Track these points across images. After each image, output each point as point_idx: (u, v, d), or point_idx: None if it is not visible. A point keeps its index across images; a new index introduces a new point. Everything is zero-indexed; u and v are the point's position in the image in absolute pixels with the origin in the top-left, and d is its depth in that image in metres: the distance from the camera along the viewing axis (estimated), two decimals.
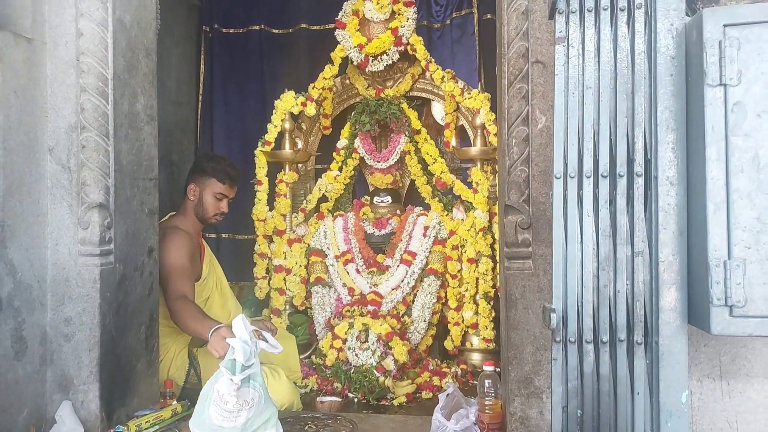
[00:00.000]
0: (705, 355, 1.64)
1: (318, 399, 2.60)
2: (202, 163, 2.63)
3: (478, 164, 3.23)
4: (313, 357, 3.12)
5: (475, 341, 3.20)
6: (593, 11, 1.34)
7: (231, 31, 4.04)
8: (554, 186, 1.37)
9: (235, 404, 1.62)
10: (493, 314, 3.11)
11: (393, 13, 3.36)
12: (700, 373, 1.64)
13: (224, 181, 2.58)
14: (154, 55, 2.16)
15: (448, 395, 1.96)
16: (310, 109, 3.36)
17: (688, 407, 1.32)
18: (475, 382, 2.28)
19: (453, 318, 3.21)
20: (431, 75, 3.40)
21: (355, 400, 2.71)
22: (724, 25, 1.21)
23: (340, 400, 2.63)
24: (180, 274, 2.32)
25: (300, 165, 3.63)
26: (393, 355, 2.84)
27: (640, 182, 1.33)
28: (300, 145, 3.52)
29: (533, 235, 1.74)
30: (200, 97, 4.07)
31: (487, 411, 1.83)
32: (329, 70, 3.39)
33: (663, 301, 1.31)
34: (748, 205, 1.22)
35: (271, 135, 3.39)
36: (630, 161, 1.33)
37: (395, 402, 2.69)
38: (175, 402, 2.08)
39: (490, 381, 1.84)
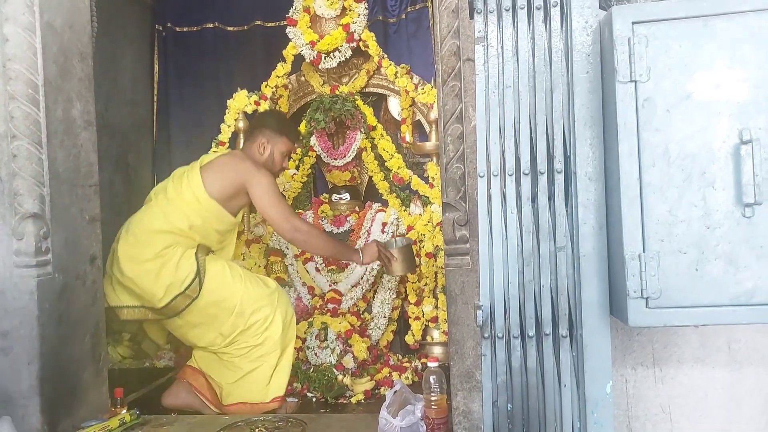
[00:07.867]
0: (638, 343, 1.68)
1: None
2: (272, 121, 2.71)
3: (434, 159, 3.24)
4: None
5: (436, 335, 3.21)
6: (510, 10, 1.35)
7: (185, 29, 3.99)
8: (478, 184, 1.38)
9: None
10: None
11: (344, 9, 3.33)
12: (634, 361, 1.68)
13: (294, 141, 2.79)
14: (90, 59, 2.12)
15: (395, 392, 1.98)
16: (264, 108, 3.33)
17: (613, 397, 1.35)
18: None
19: (413, 313, 3.22)
20: (385, 70, 3.39)
21: (314, 399, 2.71)
22: (633, 23, 1.23)
23: (296, 400, 2.62)
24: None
25: None
26: (353, 353, 2.85)
27: (560, 179, 1.35)
28: None
29: (470, 231, 1.75)
30: (156, 97, 4.02)
31: (432, 406, 1.85)
32: (282, 68, 3.36)
33: (585, 294, 1.34)
34: (660, 199, 1.25)
35: (224, 135, 3.35)
36: (550, 158, 1.35)
37: (353, 400, 2.69)
38: (124, 411, 2.07)
39: (434, 377, 1.86)
